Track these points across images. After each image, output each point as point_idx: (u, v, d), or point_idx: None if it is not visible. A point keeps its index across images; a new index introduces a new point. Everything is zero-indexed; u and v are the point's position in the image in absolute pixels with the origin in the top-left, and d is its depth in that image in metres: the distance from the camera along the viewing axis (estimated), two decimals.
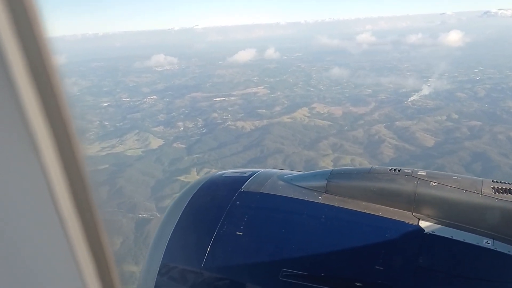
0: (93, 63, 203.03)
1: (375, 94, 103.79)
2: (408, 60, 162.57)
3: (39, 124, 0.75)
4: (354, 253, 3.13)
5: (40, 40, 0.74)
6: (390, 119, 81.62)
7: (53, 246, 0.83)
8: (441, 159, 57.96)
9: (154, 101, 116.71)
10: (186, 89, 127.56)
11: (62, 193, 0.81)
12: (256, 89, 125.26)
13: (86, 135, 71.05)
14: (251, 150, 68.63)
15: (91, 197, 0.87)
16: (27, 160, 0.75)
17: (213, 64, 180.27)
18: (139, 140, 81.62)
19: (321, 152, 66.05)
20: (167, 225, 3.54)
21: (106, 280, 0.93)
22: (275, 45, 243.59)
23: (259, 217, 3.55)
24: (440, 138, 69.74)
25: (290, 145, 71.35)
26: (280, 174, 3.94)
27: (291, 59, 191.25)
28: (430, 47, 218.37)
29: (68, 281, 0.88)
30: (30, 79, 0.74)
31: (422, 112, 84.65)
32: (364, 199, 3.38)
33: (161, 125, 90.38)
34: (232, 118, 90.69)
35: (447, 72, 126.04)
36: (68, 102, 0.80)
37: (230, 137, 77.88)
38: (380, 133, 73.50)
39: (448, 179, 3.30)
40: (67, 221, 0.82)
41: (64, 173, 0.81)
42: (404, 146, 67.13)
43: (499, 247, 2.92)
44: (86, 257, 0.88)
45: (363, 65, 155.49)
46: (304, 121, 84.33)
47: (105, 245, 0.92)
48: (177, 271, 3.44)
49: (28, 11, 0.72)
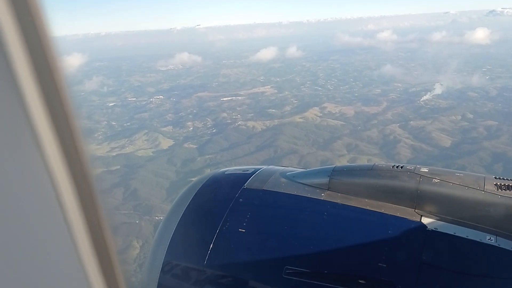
0: (96, 62, 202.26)
1: (385, 94, 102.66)
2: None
3: (43, 123, 0.75)
4: (357, 250, 3.12)
5: (44, 40, 0.73)
6: (404, 119, 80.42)
7: (58, 245, 0.83)
8: (461, 160, 56.84)
9: (161, 101, 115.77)
10: (192, 89, 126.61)
11: (67, 193, 0.81)
12: (263, 88, 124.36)
13: (94, 135, 70.18)
14: (264, 151, 67.48)
15: (96, 197, 0.86)
16: (32, 160, 0.75)
17: (238, 60, 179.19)
18: (149, 140, 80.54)
19: (336, 153, 64.87)
20: (170, 222, 3.52)
21: (110, 280, 0.92)
22: (296, 43, 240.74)
23: (262, 214, 3.54)
24: (457, 138, 68.54)
25: (304, 145, 70.21)
26: (283, 171, 3.92)
27: (313, 58, 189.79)
28: (458, 44, 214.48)
29: (73, 282, 0.88)
30: (35, 79, 0.73)
31: (436, 112, 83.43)
32: (366, 196, 3.36)
33: (170, 125, 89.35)
34: (242, 118, 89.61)
35: (462, 70, 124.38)
36: (72, 103, 0.79)
37: (241, 137, 76.77)
38: (395, 133, 72.33)
39: (451, 175, 3.28)
40: (72, 221, 0.82)
41: (68, 173, 0.81)
42: (421, 146, 65.95)
43: (502, 243, 2.92)
44: (91, 257, 0.87)
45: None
46: (316, 121, 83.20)
47: (109, 244, 0.91)
48: (180, 268, 3.41)
49: (32, 11, 0.71)
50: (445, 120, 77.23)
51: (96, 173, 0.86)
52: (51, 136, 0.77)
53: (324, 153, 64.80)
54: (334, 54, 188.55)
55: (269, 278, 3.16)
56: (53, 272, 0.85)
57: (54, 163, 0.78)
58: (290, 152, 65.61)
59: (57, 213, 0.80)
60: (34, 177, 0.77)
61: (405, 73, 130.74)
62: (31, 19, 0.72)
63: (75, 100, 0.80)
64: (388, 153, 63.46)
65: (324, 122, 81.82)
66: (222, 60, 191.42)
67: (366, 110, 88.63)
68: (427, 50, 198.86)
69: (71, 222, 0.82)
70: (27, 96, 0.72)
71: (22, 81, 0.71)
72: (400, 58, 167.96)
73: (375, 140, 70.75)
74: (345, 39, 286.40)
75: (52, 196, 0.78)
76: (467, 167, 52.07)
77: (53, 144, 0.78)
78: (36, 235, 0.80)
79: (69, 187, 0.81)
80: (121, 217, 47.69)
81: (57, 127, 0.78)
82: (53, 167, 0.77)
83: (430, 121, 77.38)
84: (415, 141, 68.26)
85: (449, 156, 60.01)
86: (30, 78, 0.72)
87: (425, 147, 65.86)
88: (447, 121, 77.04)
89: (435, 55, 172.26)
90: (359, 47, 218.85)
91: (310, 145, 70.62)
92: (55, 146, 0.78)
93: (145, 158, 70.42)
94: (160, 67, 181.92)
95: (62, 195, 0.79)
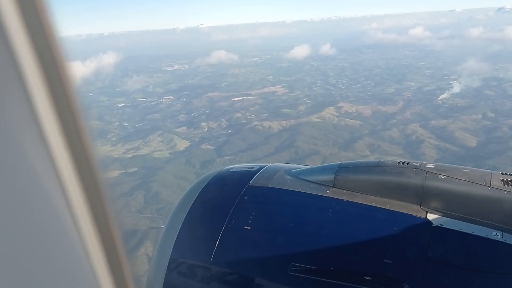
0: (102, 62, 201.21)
1: (399, 93, 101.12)
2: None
3: (51, 124, 0.75)
4: (363, 246, 3.11)
5: (51, 40, 0.73)
6: (423, 118, 78.88)
7: (66, 243, 0.84)
8: (491, 160, 55.22)
9: (171, 101, 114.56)
10: (201, 89, 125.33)
11: (75, 193, 0.81)
12: (274, 88, 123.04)
13: (107, 136, 68.68)
14: (285, 152, 66.07)
15: (103, 195, 0.86)
16: (40, 160, 0.75)
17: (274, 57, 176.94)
18: (164, 142, 79.25)
19: (359, 153, 63.35)
20: (176, 219, 3.52)
21: (118, 278, 0.93)
22: (328, 41, 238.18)
23: (267, 212, 3.53)
24: (481, 137, 66.98)
25: (324, 146, 68.78)
26: (288, 168, 3.92)
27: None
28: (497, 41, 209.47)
29: (80, 280, 0.88)
30: (42, 79, 0.73)
31: (455, 111, 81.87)
32: (372, 193, 3.35)
33: (183, 126, 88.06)
34: (257, 118, 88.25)
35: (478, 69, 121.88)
36: (80, 103, 0.79)
37: (258, 138, 75.43)
38: (417, 132, 70.84)
39: (457, 171, 3.28)
40: (80, 220, 0.82)
41: (76, 171, 0.81)
42: (446, 147, 64.44)
43: (508, 239, 2.91)
44: (99, 255, 0.88)
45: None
46: (334, 120, 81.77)
47: (117, 243, 0.91)
48: (186, 266, 3.41)
49: (39, 12, 0.71)
50: (466, 119, 75.66)
51: (104, 172, 0.85)
52: (58, 136, 0.77)
53: (347, 153, 63.27)
54: (341, 54, 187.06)
55: (275, 275, 3.14)
56: (60, 270, 0.85)
57: (61, 163, 0.78)
58: (312, 153, 64.17)
59: (65, 213, 0.80)
60: (42, 176, 0.77)
61: (416, 72, 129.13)
62: (38, 20, 0.71)
63: (83, 100, 0.79)
64: (412, 153, 61.88)
65: (342, 122, 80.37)
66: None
67: (383, 110, 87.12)
68: (438, 47, 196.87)
69: (78, 220, 0.82)
70: (35, 97, 0.72)
71: (29, 82, 0.70)
72: (408, 57, 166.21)
73: (397, 140, 69.25)
74: (343, 40, 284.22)
75: (60, 195, 0.79)
76: (499, 168, 50.40)
77: (60, 144, 0.78)
78: (45, 233, 0.80)
79: (77, 187, 0.81)
80: (146, 222, 46.41)
81: (65, 127, 0.78)
82: (60, 167, 0.78)
83: (451, 120, 75.85)
84: (439, 141, 66.73)
85: (477, 156, 58.44)
86: (37, 79, 0.72)
87: (450, 147, 64.32)
88: (468, 120, 75.49)
89: (447, 52, 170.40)
90: (364, 46, 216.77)
91: (330, 145, 69.13)
92: (62, 146, 0.78)
93: (162, 159, 69.07)
94: (166, 67, 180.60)
95: (70, 195, 0.80)
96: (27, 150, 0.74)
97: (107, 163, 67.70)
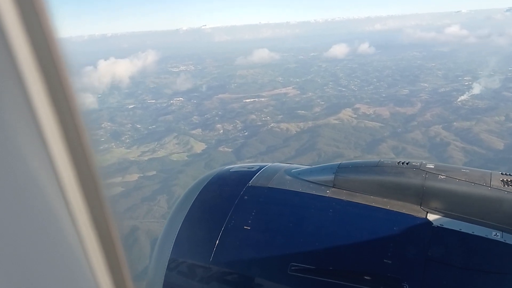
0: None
1: (415, 94, 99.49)
2: None
3: (50, 124, 0.75)
4: (363, 246, 3.10)
5: (50, 41, 0.73)
6: (444, 120, 77.22)
7: (65, 243, 0.83)
8: None
9: (182, 102, 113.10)
10: (211, 90, 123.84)
11: (75, 195, 0.81)
12: (285, 89, 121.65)
13: (121, 138, 66.65)
14: (307, 154, 64.40)
15: (102, 195, 0.86)
16: (38, 161, 0.75)
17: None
18: (180, 144, 77.67)
19: (384, 156, 61.65)
20: (175, 219, 3.53)
21: (117, 278, 0.93)
22: (366, 40, 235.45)
23: (267, 212, 3.52)
24: (508, 140, 65.29)
25: (347, 148, 67.16)
26: (288, 168, 3.92)
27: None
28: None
29: (79, 280, 0.88)
30: (42, 81, 0.73)
31: (477, 113, 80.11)
32: (372, 193, 3.34)
33: (198, 128, 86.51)
34: (272, 120, 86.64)
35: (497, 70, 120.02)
36: (79, 104, 0.79)
37: (277, 140, 73.85)
38: (440, 135, 69.23)
39: (457, 172, 3.27)
40: (79, 221, 0.82)
41: (75, 173, 0.81)
42: (474, 149, 62.81)
43: (508, 239, 2.90)
44: (98, 255, 0.88)
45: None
46: (352, 122, 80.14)
47: (117, 245, 0.91)
48: (185, 266, 3.42)
49: (38, 12, 0.71)
50: (490, 121, 73.99)
51: (103, 174, 0.85)
52: (57, 137, 0.77)
53: (372, 156, 61.58)
54: (349, 55, 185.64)
55: (275, 275, 3.15)
56: (60, 270, 0.85)
57: (60, 164, 0.78)
58: (336, 156, 62.49)
59: (64, 213, 0.80)
60: (41, 177, 0.77)
61: (428, 73, 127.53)
62: (37, 20, 0.71)
63: (81, 102, 0.77)
64: (439, 156, 60.29)
65: (361, 124, 78.74)
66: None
67: (401, 111, 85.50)
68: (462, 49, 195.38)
69: (77, 221, 0.82)
70: (34, 98, 0.71)
71: (28, 83, 0.70)
72: (417, 58, 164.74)
73: (421, 142, 67.61)
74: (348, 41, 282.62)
75: (59, 196, 0.79)
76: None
77: (59, 145, 0.77)
78: (44, 234, 0.80)
79: (76, 187, 0.81)
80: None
81: (64, 128, 0.78)
82: (59, 167, 0.78)
83: (473, 122, 74.19)
84: (464, 144, 65.09)
85: (508, 159, 56.85)
86: (37, 80, 0.72)
87: (477, 149, 62.68)
88: (491, 122, 73.82)
89: (457, 53, 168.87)
90: (372, 46, 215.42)
91: (353, 148, 67.48)
92: (61, 147, 0.78)
93: (181, 162, 67.53)
94: (172, 68, 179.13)
95: (68, 195, 0.80)
96: (26, 151, 0.74)
97: (125, 166, 66.34)
